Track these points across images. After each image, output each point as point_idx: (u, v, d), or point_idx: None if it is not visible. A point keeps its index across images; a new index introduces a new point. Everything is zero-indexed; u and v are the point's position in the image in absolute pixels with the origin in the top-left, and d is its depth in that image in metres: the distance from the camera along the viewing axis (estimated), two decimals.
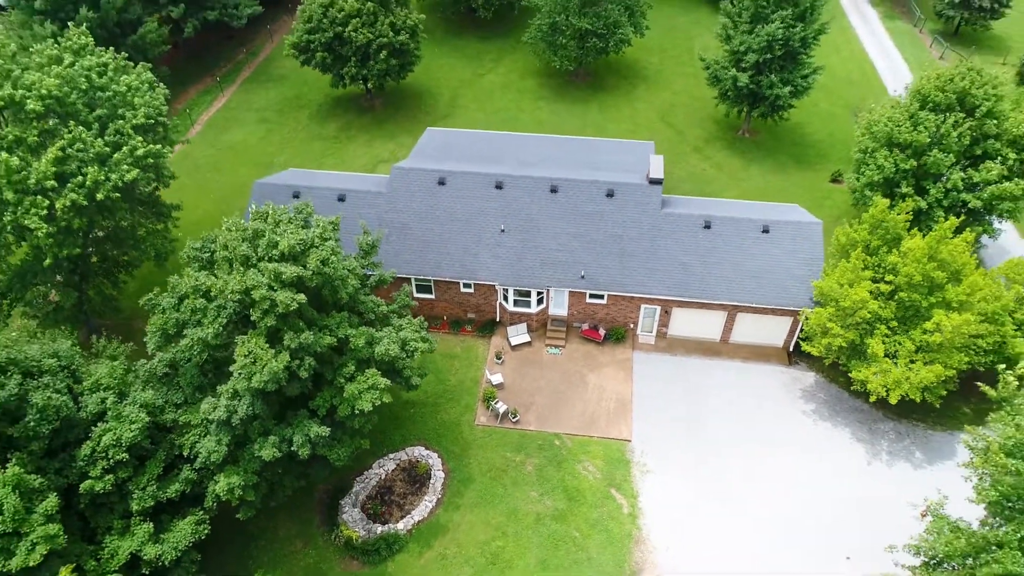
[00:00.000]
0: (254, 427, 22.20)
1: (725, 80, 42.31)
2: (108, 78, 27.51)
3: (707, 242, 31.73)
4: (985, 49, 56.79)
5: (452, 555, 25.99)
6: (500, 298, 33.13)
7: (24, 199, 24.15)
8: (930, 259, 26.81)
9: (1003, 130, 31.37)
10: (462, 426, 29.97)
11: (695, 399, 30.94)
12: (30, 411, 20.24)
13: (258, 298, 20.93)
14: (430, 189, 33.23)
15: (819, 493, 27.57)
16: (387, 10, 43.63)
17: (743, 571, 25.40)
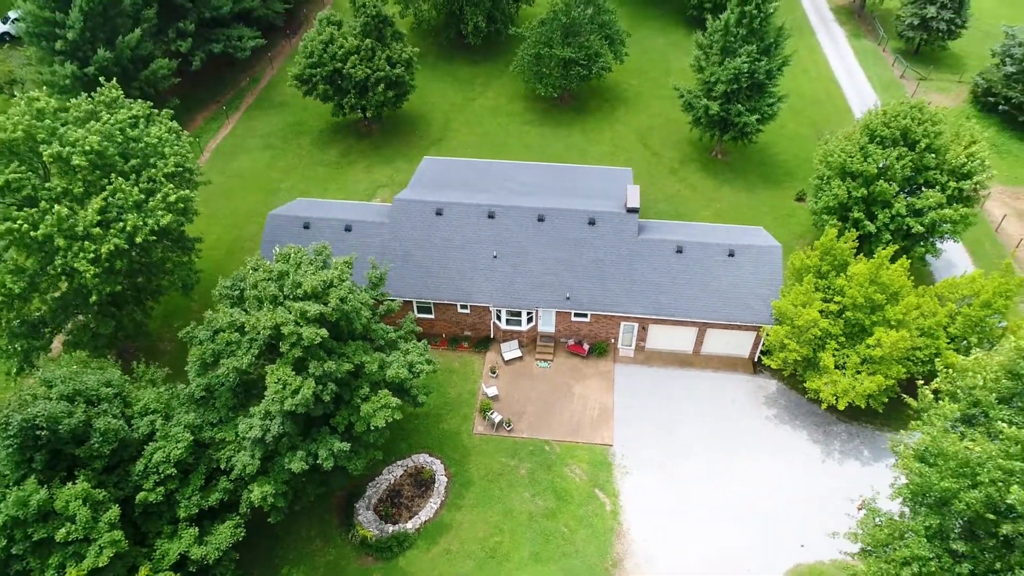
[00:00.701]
0: (283, 443, 25.66)
1: (698, 108, 45.97)
2: (140, 130, 30.74)
3: (679, 265, 35.41)
4: (943, 67, 60.82)
5: (456, 550, 29.62)
6: (494, 317, 36.69)
7: (73, 244, 27.42)
8: (871, 283, 30.62)
9: (942, 161, 35.22)
10: (462, 435, 33.56)
11: (670, 406, 34.68)
12: (94, 435, 23.61)
13: (287, 333, 24.38)
14: (428, 219, 36.69)
15: (778, 488, 31.39)
16: (384, 45, 46.88)
17: (711, 558, 29.19)
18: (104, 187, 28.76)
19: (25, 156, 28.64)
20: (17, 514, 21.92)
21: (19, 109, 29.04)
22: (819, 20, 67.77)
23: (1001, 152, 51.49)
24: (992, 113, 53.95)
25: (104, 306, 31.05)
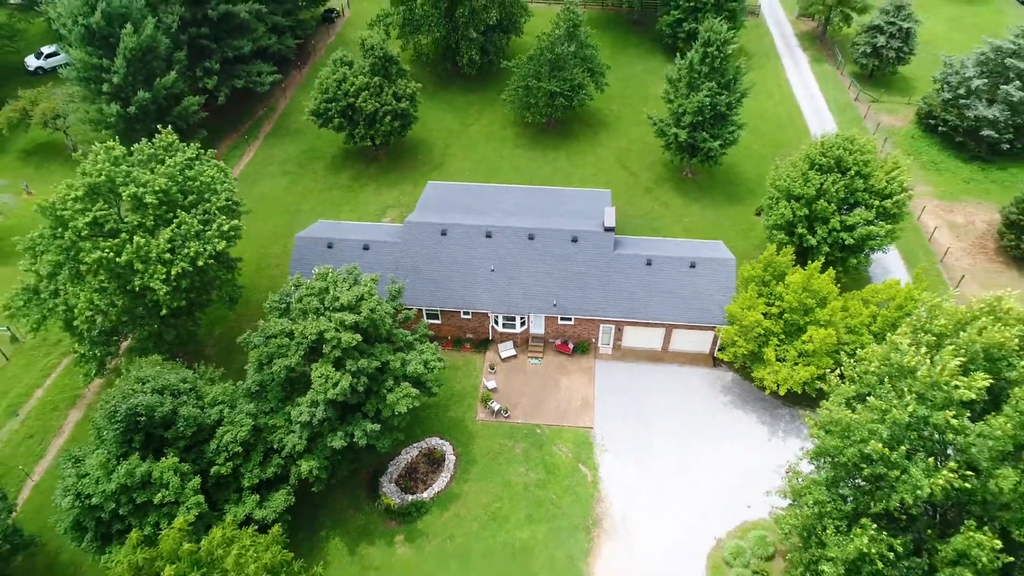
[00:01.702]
0: (326, 426, 32.35)
1: (668, 135, 52.97)
2: (196, 170, 37.39)
3: (648, 276, 42.28)
4: (894, 90, 68.11)
5: (464, 514, 36.33)
6: (492, 322, 43.48)
7: (149, 267, 34.04)
8: (804, 290, 37.57)
9: (869, 185, 42.22)
10: (466, 421, 40.31)
11: (642, 395, 41.54)
12: (179, 420, 30.25)
13: (329, 337, 31.10)
14: (434, 239, 43.46)
15: (731, 461, 38.23)
16: (390, 81, 53.65)
17: (674, 518, 36.00)
18: (171, 220, 35.41)
19: (106, 196, 35.23)
20: (125, 481, 28.51)
21: (100, 156, 35.66)
22: (784, 46, 75.00)
23: (940, 169, 58.76)
24: (933, 134, 61.20)
25: (167, 318, 37.67)
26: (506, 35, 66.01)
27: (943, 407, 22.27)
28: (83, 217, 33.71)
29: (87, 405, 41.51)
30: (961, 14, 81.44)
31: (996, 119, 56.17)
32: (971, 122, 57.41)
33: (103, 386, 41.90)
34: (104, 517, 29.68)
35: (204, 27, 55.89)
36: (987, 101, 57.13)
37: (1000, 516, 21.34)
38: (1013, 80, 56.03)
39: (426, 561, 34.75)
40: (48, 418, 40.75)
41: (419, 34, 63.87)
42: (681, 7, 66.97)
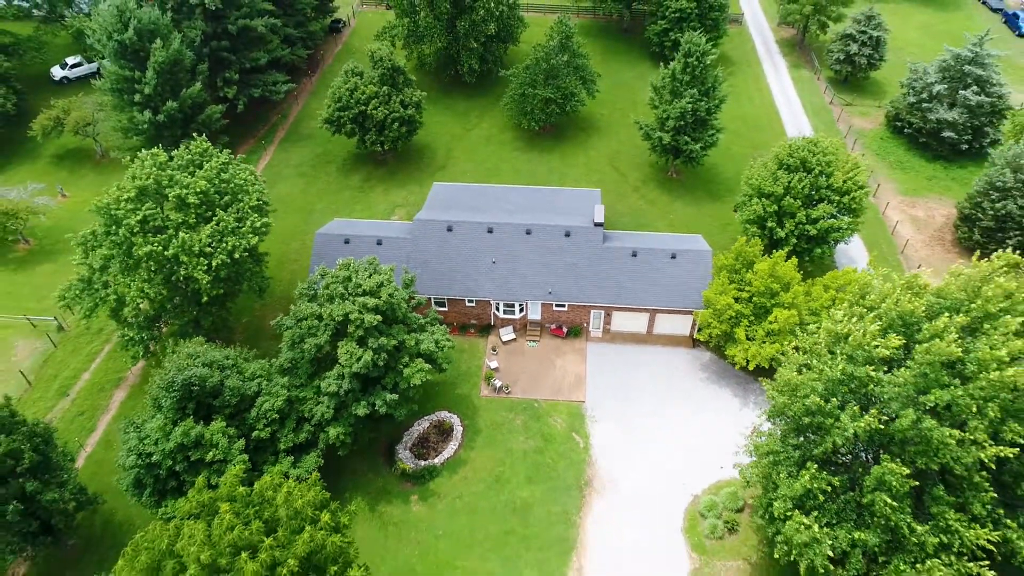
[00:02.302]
0: (350, 396, 37.40)
1: (654, 138, 58.16)
2: (230, 174, 42.43)
3: (634, 266, 47.42)
4: (866, 94, 73.46)
5: (471, 477, 41.42)
6: (493, 309, 48.59)
7: (192, 260, 39.06)
8: (770, 276, 42.76)
9: (830, 183, 47.41)
10: (472, 397, 45.41)
11: (628, 373, 46.68)
12: (226, 390, 35.29)
13: (353, 319, 36.16)
14: (441, 234, 48.53)
15: (707, 429, 43.35)
16: (398, 90, 58.72)
17: (656, 478, 41.14)
18: (210, 218, 40.47)
19: (153, 196, 40.24)
20: (182, 441, 33.51)
21: (147, 162, 40.69)
22: (766, 52, 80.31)
23: (905, 168, 64.10)
24: (900, 135, 66.58)
25: (206, 306, 42.72)
26: (503, 45, 71.18)
27: (865, 364, 27.45)
28: (134, 216, 38.71)
29: (130, 386, 46.53)
30: (933, 21, 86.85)
31: (955, 121, 61.51)
32: (933, 124, 62.75)
33: (144, 369, 46.92)
34: (161, 474, 34.66)
35: (224, 40, 60.90)
36: (948, 105, 62.45)
37: (909, 450, 26.43)
38: (971, 85, 61.36)
39: (438, 516, 39.83)
40: (96, 398, 45.74)
41: (422, 44, 68.99)
42: (667, 17, 72.20)
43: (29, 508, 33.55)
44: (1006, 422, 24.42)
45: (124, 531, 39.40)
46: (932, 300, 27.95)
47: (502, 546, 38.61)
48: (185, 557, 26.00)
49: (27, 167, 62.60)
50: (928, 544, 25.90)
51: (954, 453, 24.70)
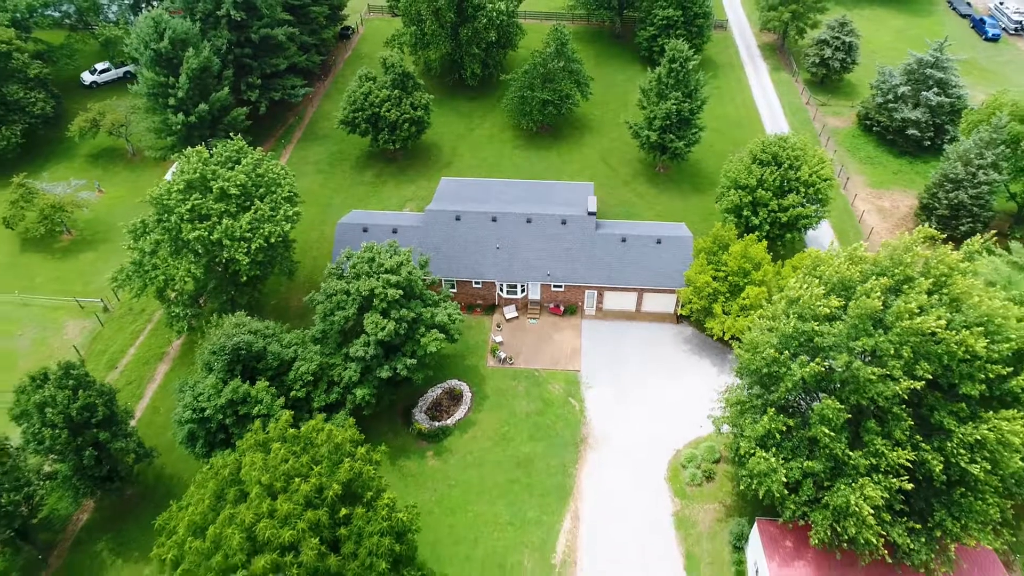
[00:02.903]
0: (374, 361, 43.01)
1: (642, 137, 63.93)
2: (264, 168, 48.04)
3: (623, 250, 53.13)
4: (840, 95, 79.38)
5: (479, 436, 47.04)
6: (498, 289, 54.25)
7: (234, 244, 44.65)
8: (743, 257, 48.50)
9: (798, 176, 53.17)
10: (479, 367, 51.04)
11: (619, 346, 52.37)
12: (268, 355, 40.88)
13: (377, 293, 41.81)
14: (450, 223, 54.16)
15: (689, 393, 48.99)
16: (408, 94, 64.37)
17: (642, 436, 46.81)
18: (248, 207, 46.09)
19: (199, 188, 45.82)
20: (232, 397, 39.07)
21: (193, 159, 46.27)
22: (748, 56, 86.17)
23: (874, 163, 70.00)
24: (870, 133, 72.50)
25: (242, 286, 48.31)
26: (503, 50, 76.90)
27: (811, 320, 33.19)
28: (184, 205, 44.30)
29: (172, 360, 52.06)
30: (906, 26, 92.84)
31: (919, 120, 67.45)
32: (899, 123, 68.69)
33: (183, 345, 52.46)
34: (212, 428, 40.21)
35: (247, 48, 66.49)
36: (912, 105, 68.39)
37: (845, 390, 32.15)
38: (932, 87, 67.31)
39: (451, 469, 45.45)
40: (141, 370, 51.24)
41: (428, 50, 74.64)
42: (655, 24, 78.00)
43: (100, 455, 39.06)
44: (918, 362, 30.06)
45: (174, 484, 44.91)
46: (866, 268, 33.67)
47: (508, 493, 44.26)
48: (247, 483, 31.55)
49: (64, 165, 68.06)
50: (861, 466, 31.61)
51: (877, 389, 30.34)
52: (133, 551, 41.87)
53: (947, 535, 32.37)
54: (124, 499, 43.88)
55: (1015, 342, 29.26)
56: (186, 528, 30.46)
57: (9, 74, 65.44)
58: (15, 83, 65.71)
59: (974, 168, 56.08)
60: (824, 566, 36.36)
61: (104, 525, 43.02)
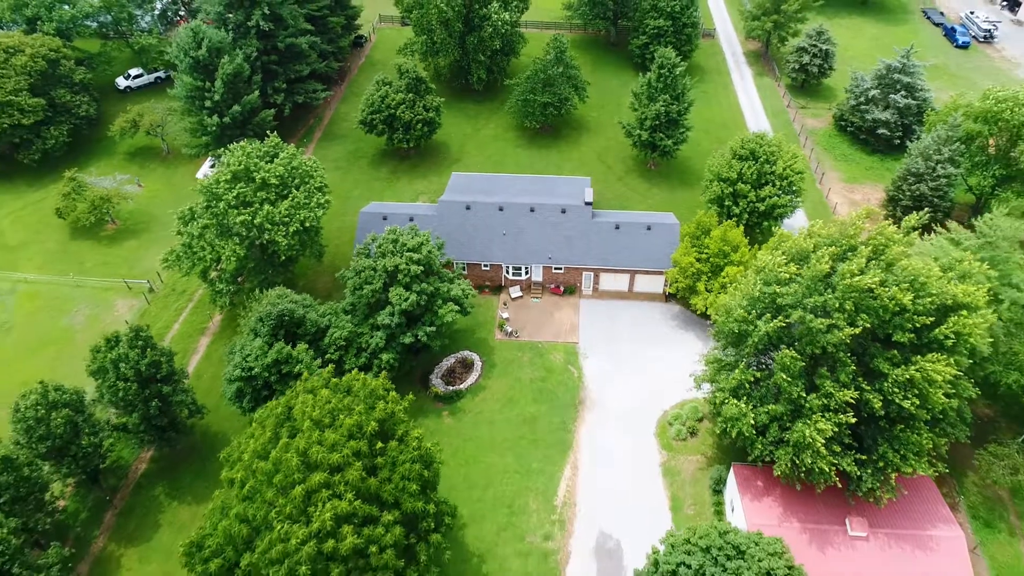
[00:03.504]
0: (398, 329, 49.09)
1: (635, 136, 70.28)
2: (299, 162, 54.27)
3: (617, 236, 59.33)
4: (819, 98, 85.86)
5: (489, 399, 53.10)
6: (504, 272, 60.44)
7: (274, 227, 50.80)
8: (722, 240, 54.73)
9: (773, 170, 59.43)
10: (488, 340, 57.15)
11: (613, 322, 58.53)
12: (307, 322, 46.99)
13: (401, 268, 47.99)
14: (462, 212, 60.36)
15: (675, 362, 54.95)
16: (420, 97, 70.70)
17: (634, 399, 52.92)
18: (286, 195, 52.29)
19: (243, 179, 52.01)
20: (277, 357, 45.13)
21: (238, 153, 52.45)
22: (734, 63, 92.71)
23: (848, 160, 76.40)
24: (845, 133, 78.95)
25: (279, 266, 54.47)
26: (507, 57, 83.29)
27: (774, 284, 39.42)
28: (230, 193, 50.50)
29: (212, 334, 58.12)
30: (882, 34, 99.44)
31: (888, 121, 73.89)
32: (870, 123, 75.14)
33: (222, 321, 58.53)
34: (258, 385, 46.25)
35: (273, 55, 72.81)
36: (882, 107, 74.83)
37: (801, 342, 38.32)
38: (900, 90, 73.77)
39: (465, 427, 51.50)
40: (186, 343, 57.27)
41: (438, 57, 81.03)
42: (647, 33, 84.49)
43: (162, 407, 45.07)
44: (859, 313, 36.18)
45: (218, 440, 50.83)
46: (820, 240, 39.89)
47: (515, 447, 50.31)
48: (299, 420, 37.58)
49: (104, 162, 74.23)
50: (815, 407, 37.74)
51: (826, 338, 36.48)
52: (187, 495, 47.87)
53: (889, 465, 38.48)
54: (176, 451, 49.84)
55: (936, 297, 35.43)
56: (251, 455, 36.47)
57: (57, 79, 71.68)
58: (62, 87, 71.95)
59: (933, 163, 62.41)
60: (788, 499, 42.48)
61: (160, 473, 49.02)
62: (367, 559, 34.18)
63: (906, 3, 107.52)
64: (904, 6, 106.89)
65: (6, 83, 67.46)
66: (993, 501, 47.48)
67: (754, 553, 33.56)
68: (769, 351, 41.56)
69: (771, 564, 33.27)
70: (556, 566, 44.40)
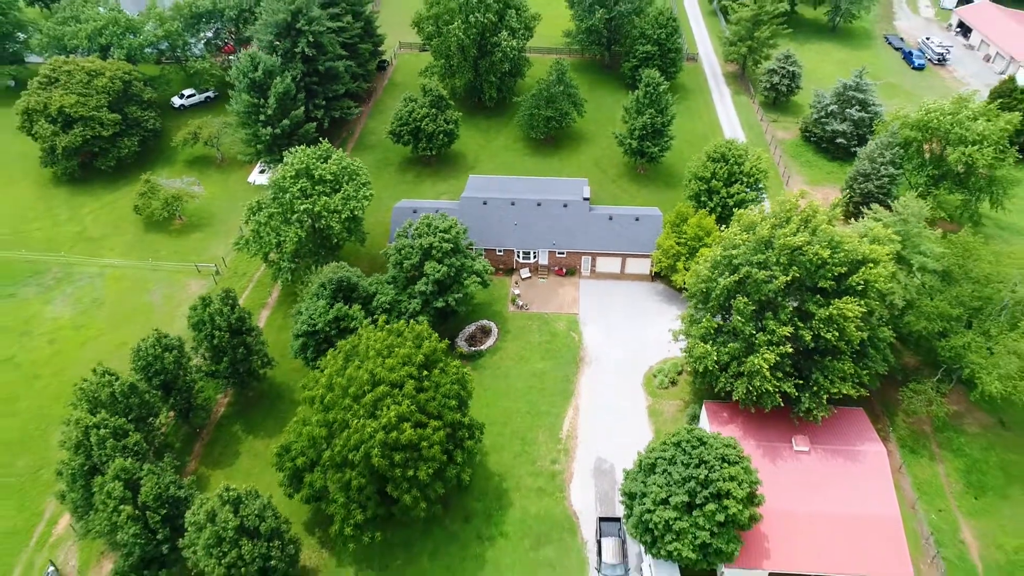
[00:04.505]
0: (432, 296, 60.73)
1: (626, 144, 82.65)
2: (347, 162, 66.42)
3: (611, 227, 71.29)
4: (788, 113, 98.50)
5: (504, 357, 64.56)
6: (516, 256, 72.30)
7: (330, 215, 62.77)
8: (697, 227, 66.66)
9: (741, 170, 71.52)
10: (503, 312, 68.81)
11: (607, 297, 70.27)
12: (360, 288, 58.70)
13: (435, 245, 59.88)
14: (479, 207, 72.36)
15: (659, 329, 66.38)
16: (441, 112, 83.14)
17: (625, 356, 64.44)
18: (339, 189, 64.31)
19: (304, 175, 64.07)
20: (337, 314, 56.70)
21: (299, 155, 64.57)
22: (715, 83, 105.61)
23: (812, 166, 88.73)
24: (809, 143, 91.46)
25: (330, 248, 66.34)
26: (514, 78, 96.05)
27: (730, 249, 51.25)
28: (295, 186, 62.54)
29: (270, 307, 69.73)
30: (848, 58, 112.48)
31: (845, 131, 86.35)
32: (830, 134, 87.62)
33: (278, 298, 70.14)
34: (320, 339, 57.70)
35: (314, 77, 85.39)
36: (840, 120, 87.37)
37: (751, 293, 50.01)
38: (855, 105, 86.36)
39: (486, 379, 62.81)
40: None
41: (454, 78, 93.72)
42: (637, 57, 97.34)
43: (245, 355, 56.49)
44: (791, 266, 47.98)
45: (283, 390, 62.22)
46: (765, 215, 51.82)
47: (527, 394, 61.70)
48: (362, 353, 49.05)
49: (167, 169, 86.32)
50: (762, 342, 49.30)
51: (767, 287, 48.20)
52: (260, 431, 59.14)
53: (821, 388, 49.97)
54: (249, 397, 61.18)
55: (848, 253, 47.28)
56: (327, 377, 47.92)
57: (129, 98, 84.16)
58: (133, 104, 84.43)
59: (877, 164, 74.63)
60: (747, 424, 53.77)
61: (237, 414, 60.34)
62: (419, 452, 45.52)
63: (870, 30, 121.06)
64: (868, 32, 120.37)
65: (89, 100, 79.85)
66: (918, 434, 58.86)
67: (712, 443, 44.94)
68: (728, 304, 53.18)
69: (726, 452, 44.61)
70: (562, 483, 55.61)
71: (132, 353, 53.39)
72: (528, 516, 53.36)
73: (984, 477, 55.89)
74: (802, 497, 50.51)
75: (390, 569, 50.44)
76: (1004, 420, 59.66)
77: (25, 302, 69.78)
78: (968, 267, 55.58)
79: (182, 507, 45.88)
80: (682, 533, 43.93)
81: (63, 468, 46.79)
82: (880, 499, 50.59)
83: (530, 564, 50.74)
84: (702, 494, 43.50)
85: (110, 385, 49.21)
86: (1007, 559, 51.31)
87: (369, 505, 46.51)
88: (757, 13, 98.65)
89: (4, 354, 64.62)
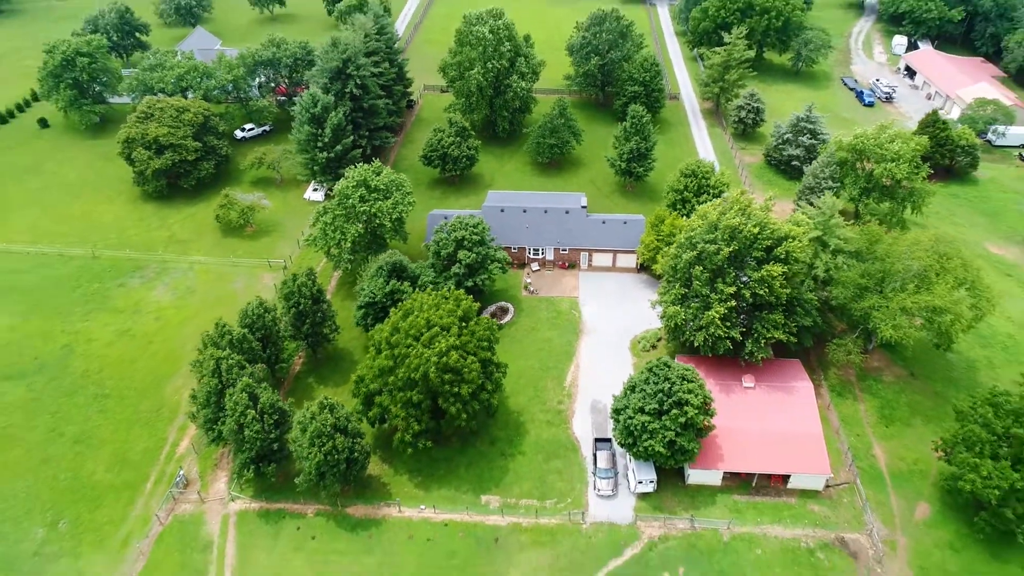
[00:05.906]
0: (464, 278, 78.97)
1: (616, 166, 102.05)
2: (395, 176, 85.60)
3: (604, 229, 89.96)
4: (754, 142, 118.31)
5: (520, 329, 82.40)
6: (527, 252, 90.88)
7: (383, 216, 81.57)
8: (672, 226, 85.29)
9: (709, 183, 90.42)
10: (517, 295, 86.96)
11: (602, 285, 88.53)
12: (408, 269, 77.10)
13: (466, 237, 78.49)
14: (498, 214, 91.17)
15: (643, 308, 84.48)
16: (464, 140, 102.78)
17: (616, 330, 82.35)
18: (389, 196, 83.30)
19: (362, 185, 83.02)
20: (392, 288, 74.78)
21: (357, 171, 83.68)
22: (693, 117, 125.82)
23: (773, 185, 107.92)
24: (771, 165, 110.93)
25: (381, 243, 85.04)
26: (523, 113, 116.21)
27: (691, 231, 69.78)
28: (356, 193, 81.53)
29: (330, 292, 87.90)
30: (809, 96, 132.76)
31: (799, 155, 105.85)
32: (786, 158, 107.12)
33: (337, 283, 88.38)
34: (377, 309, 75.68)
35: (360, 112, 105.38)
36: (794, 146, 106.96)
37: (705, 264, 68.20)
38: (805, 134, 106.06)
39: (505, 344, 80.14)
40: None
41: (473, 113, 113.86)
42: (626, 95, 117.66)
43: (322, 320, 74.43)
44: (731, 241, 66.34)
45: (343, 355, 79.98)
46: (717, 208, 70.45)
47: (537, 355, 79.49)
48: (417, 308, 67.06)
49: (236, 188, 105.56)
50: (715, 300, 67.35)
51: (715, 258, 66.56)
52: (328, 383, 76.74)
53: (760, 335, 67.87)
54: (318, 359, 78.91)
55: (773, 231, 65.84)
56: (392, 324, 65.85)
57: (208, 130, 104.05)
58: (210, 135, 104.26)
59: (819, 180, 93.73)
60: (707, 370, 71.35)
61: (310, 370, 78.03)
62: (462, 375, 63.19)
63: (829, 72, 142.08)
64: (827, 75, 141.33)
65: (177, 131, 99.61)
66: (845, 382, 76.40)
67: (675, 367, 62.69)
68: (690, 274, 71.38)
69: (685, 373, 62.32)
70: (566, 417, 73.01)
71: (240, 313, 71.44)
72: (540, 440, 70.66)
73: (894, 412, 73.28)
74: (749, 419, 67.94)
75: (435, 476, 67.49)
76: (914, 372, 77.30)
77: (133, 290, 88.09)
78: (874, 249, 74.00)
79: (286, 417, 63.37)
80: (654, 432, 61.30)
81: (198, 392, 64.39)
82: (807, 421, 68.02)
83: (542, 472, 67.86)
84: (668, 402, 61.05)
85: (229, 334, 67.12)
86: (908, 468, 68.38)
87: (423, 419, 63.95)
88: (726, 59, 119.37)
89: (122, 327, 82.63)
